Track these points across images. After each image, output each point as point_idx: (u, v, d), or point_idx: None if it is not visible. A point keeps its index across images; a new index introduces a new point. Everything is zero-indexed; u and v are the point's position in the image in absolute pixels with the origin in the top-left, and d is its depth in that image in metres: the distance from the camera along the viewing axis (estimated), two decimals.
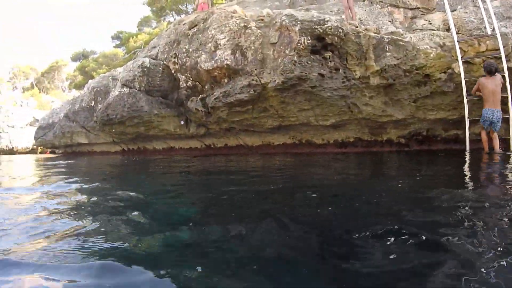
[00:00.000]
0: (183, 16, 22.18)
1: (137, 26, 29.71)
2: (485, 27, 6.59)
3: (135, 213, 2.72)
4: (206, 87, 8.44)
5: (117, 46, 31.41)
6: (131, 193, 3.63)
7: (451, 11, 7.49)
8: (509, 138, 6.15)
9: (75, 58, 39.69)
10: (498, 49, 6.18)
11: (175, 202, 3.40)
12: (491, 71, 5.91)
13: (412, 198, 2.92)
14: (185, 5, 23.04)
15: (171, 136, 10.83)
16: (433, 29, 7.50)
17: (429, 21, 7.76)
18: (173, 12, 24.30)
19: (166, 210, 3.06)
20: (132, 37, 25.88)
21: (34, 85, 46.71)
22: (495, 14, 6.82)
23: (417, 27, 7.81)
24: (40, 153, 26.20)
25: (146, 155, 12.46)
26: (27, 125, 31.84)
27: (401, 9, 8.33)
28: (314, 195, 3.19)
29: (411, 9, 8.23)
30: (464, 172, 4.51)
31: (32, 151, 28.98)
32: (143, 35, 25.59)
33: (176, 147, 11.52)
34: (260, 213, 2.62)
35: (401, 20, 8.25)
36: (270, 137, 9.07)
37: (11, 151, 29.82)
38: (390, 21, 8.31)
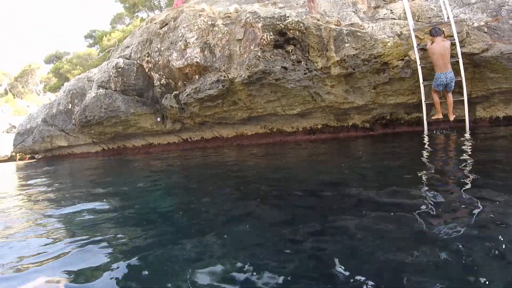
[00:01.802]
0: (156, 12, 22.53)
1: (110, 24, 29.79)
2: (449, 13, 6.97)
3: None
4: (179, 84, 8.98)
5: (90, 46, 31.42)
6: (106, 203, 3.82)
7: None
8: (465, 119, 6.75)
9: (48, 61, 39.43)
10: (453, 36, 6.66)
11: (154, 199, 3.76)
12: (436, 33, 6.55)
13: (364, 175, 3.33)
14: (157, 0, 23.32)
15: (149, 133, 11.33)
16: (394, 18, 8.05)
17: (391, 10, 8.28)
18: (146, 8, 24.52)
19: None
20: (106, 36, 26.02)
21: (8, 90, 46.19)
22: (455, 1, 7.41)
23: (380, 17, 8.35)
24: (19, 159, 26.10)
25: (126, 153, 12.90)
26: (3, 132, 31.70)
27: None
28: (277, 187, 3.41)
29: None
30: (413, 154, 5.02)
31: (11, 159, 28.81)
32: (117, 32, 25.76)
33: (154, 143, 12.02)
34: (238, 213, 2.76)
35: (364, 10, 8.74)
36: (243, 128, 9.68)
37: None
38: (353, 12, 8.82)
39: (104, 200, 3.88)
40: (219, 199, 3.11)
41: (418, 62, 6.87)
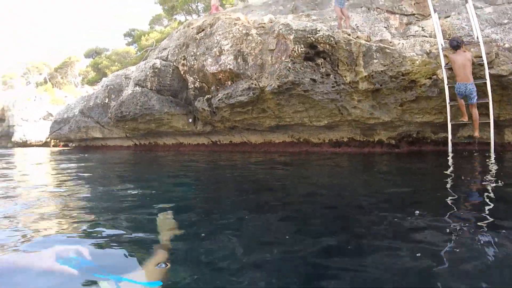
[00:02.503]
0: (194, 16, 23.24)
1: (149, 24, 30.81)
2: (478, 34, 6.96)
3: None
4: (212, 88, 9.43)
5: (129, 44, 32.63)
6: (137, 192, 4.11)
7: (445, 18, 8.09)
8: (490, 142, 6.71)
9: (88, 55, 41.21)
10: (481, 56, 6.64)
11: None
12: (455, 46, 6.55)
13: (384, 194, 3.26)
14: (195, 4, 24.05)
15: (180, 133, 11.86)
16: (425, 36, 8.14)
17: (422, 28, 8.37)
18: (184, 12, 25.30)
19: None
20: (144, 35, 27.01)
21: (48, 80, 48.39)
22: (487, 21, 7.40)
23: (411, 33, 8.45)
24: (53, 146, 27.37)
25: (157, 149, 13.51)
26: (40, 119, 33.29)
27: (397, 15, 8.92)
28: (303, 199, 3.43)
29: (406, 15, 8.85)
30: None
31: (45, 144, 30.25)
32: (155, 33, 26.70)
33: (184, 143, 12.58)
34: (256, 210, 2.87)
35: (396, 26, 8.86)
36: (271, 135, 10.02)
37: (24, 144, 31.38)
38: (385, 27, 8.97)
39: (129, 190, 4.21)
40: (234, 203, 3.24)
41: (446, 82, 6.89)
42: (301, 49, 7.67)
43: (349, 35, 7.76)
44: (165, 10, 26.57)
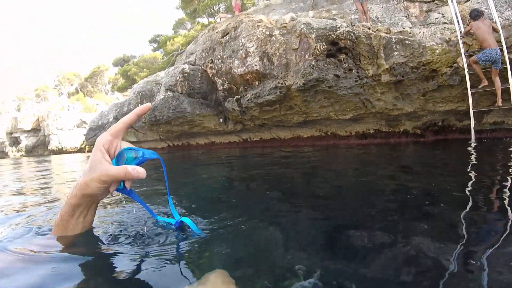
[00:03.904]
0: (216, 17, 23.87)
1: (173, 29, 31.89)
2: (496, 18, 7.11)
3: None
4: (240, 89, 9.96)
5: (155, 49, 33.81)
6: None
7: (465, 2, 8.13)
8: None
9: (116, 63, 42.97)
10: (500, 41, 6.83)
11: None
12: (475, 16, 6.88)
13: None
14: (217, 6, 24.71)
15: (212, 132, 12.47)
16: (445, 23, 8.30)
17: (443, 14, 8.55)
18: (206, 14, 26.08)
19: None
20: (169, 40, 27.98)
21: (79, 90, 50.69)
22: (507, 2, 7.48)
23: (431, 21, 8.64)
24: (88, 151, 28.69)
25: (190, 149, 14.18)
26: (74, 127, 35.21)
27: (417, 3, 9.14)
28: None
29: (426, 2, 9.05)
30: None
31: (80, 150, 31.84)
32: (179, 37, 27.61)
33: (216, 142, 13.19)
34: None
35: (416, 14, 9.07)
36: (299, 130, 10.45)
37: (60, 151, 33.36)
38: (405, 17, 9.19)
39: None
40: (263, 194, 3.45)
41: (466, 69, 7.07)
42: (323, 47, 8.03)
43: (369, 28, 8.03)
44: (187, 14, 27.44)
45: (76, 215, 1.08)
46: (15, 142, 40.32)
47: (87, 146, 28.33)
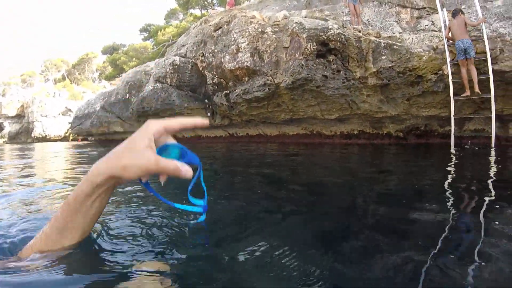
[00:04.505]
0: (209, 9, 23.85)
1: (165, 19, 31.68)
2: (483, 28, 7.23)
3: None
4: (230, 84, 10.07)
5: (145, 39, 33.57)
6: None
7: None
8: (491, 136, 7.02)
9: (105, 51, 42.49)
10: (485, 52, 6.95)
11: None
12: (454, 14, 7.29)
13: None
14: None
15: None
16: (434, 30, 8.45)
17: (432, 22, 8.70)
18: (199, 6, 26.01)
19: None
20: (160, 30, 27.80)
21: (66, 76, 49.99)
22: (496, 14, 7.65)
23: (421, 28, 8.78)
24: (72, 140, 28.43)
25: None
26: (59, 114, 34.68)
27: (408, 9, 9.26)
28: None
29: (417, 9, 9.17)
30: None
31: (64, 139, 31.48)
32: (171, 28, 27.46)
33: (203, 135, 13.28)
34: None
35: (407, 20, 9.20)
36: (285, 128, 10.62)
37: (44, 139, 32.79)
38: (396, 22, 9.31)
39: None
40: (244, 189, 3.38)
41: (450, 77, 7.24)
42: (314, 47, 8.18)
43: (359, 31, 8.19)
44: (180, 5, 27.29)
45: (94, 196, 1.01)
46: None
47: (71, 135, 28.04)
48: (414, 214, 2.07)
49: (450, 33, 7.42)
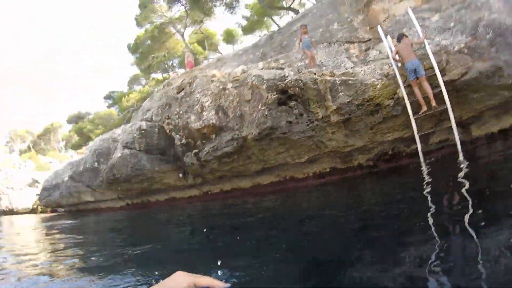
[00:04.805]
0: (170, 72, 24.44)
1: (128, 85, 32.15)
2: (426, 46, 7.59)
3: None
4: (198, 143, 10.14)
5: (110, 106, 33.84)
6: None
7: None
8: (456, 144, 7.34)
9: (70, 120, 42.26)
10: (433, 67, 7.35)
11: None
12: (398, 38, 7.78)
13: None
14: (170, 61, 25.37)
15: (172, 188, 12.37)
16: (383, 58, 8.77)
17: (380, 51, 9.12)
18: (160, 70, 26.68)
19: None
20: (124, 97, 28.15)
21: (31, 147, 48.90)
22: (435, 29, 8.12)
23: (370, 58, 9.16)
24: (41, 212, 27.43)
25: (150, 207, 13.88)
26: (26, 186, 33.47)
27: (356, 44, 9.78)
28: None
29: (364, 41, 9.71)
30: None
31: (33, 211, 30.20)
32: (134, 93, 27.89)
33: (177, 197, 12.97)
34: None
35: (357, 54, 9.64)
36: (258, 178, 10.63)
37: (11, 212, 31.17)
38: (347, 58, 9.65)
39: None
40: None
41: (406, 98, 7.62)
42: (274, 96, 8.45)
43: (314, 74, 8.49)
44: (142, 70, 27.83)
45: None
46: None
47: (40, 207, 27.06)
48: (405, 238, 2.15)
49: (397, 55, 7.86)
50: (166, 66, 26.11)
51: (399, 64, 8.01)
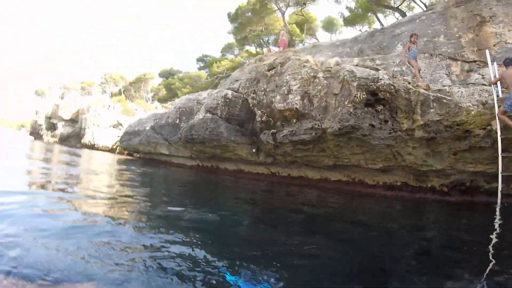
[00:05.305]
0: (264, 48, 24.82)
1: (221, 52, 33.20)
2: None
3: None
4: (277, 123, 10.41)
5: (201, 68, 35.30)
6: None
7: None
8: None
9: (162, 75, 45.03)
10: None
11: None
12: (507, 63, 7.05)
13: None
14: (266, 37, 25.71)
15: (242, 161, 12.86)
16: (484, 84, 8.28)
17: (483, 76, 8.59)
18: (255, 43, 27.15)
19: None
20: (216, 62, 29.22)
21: (122, 92, 53.02)
22: None
23: (471, 81, 8.66)
24: (118, 153, 29.74)
25: (217, 172, 14.57)
26: (110, 126, 36.60)
27: (459, 62, 9.26)
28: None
29: (468, 62, 9.15)
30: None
31: (111, 150, 32.95)
32: (226, 61, 28.80)
33: (245, 170, 13.50)
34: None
35: (457, 73, 9.16)
36: (327, 173, 10.69)
37: (92, 146, 34.58)
38: (446, 74, 9.24)
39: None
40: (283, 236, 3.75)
41: (499, 133, 7.08)
42: (363, 96, 8.36)
43: (409, 83, 8.22)
44: (237, 40, 28.57)
45: None
46: (52, 127, 42.97)
47: (118, 148, 29.34)
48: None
49: (499, 82, 7.30)
50: (262, 41, 26.55)
51: (500, 94, 7.43)
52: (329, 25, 28.92)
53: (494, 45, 8.88)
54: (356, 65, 10.06)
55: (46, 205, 4.21)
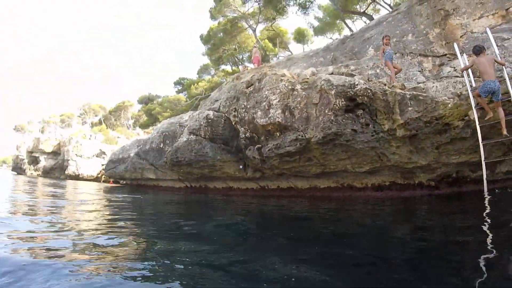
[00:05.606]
0: (240, 66, 25.11)
1: (197, 73, 33.63)
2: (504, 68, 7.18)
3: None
4: (262, 138, 10.46)
5: (179, 91, 35.59)
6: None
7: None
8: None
9: (141, 101, 45.17)
10: (508, 92, 6.89)
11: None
12: (477, 51, 7.12)
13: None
14: (240, 55, 26.04)
15: (231, 178, 12.88)
16: (457, 76, 8.46)
17: (454, 68, 8.77)
18: (230, 62, 27.51)
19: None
20: (193, 84, 29.44)
21: (102, 121, 52.75)
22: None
23: (444, 75, 8.84)
24: (103, 181, 29.55)
25: (207, 192, 14.53)
26: (93, 156, 36.46)
27: (430, 58, 9.51)
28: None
29: (438, 56, 9.42)
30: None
31: (96, 179, 32.78)
32: (203, 82, 29.11)
33: (234, 187, 13.55)
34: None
35: (430, 68, 9.41)
36: (316, 181, 10.77)
37: (76, 177, 34.34)
38: (419, 71, 9.48)
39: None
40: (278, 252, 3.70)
41: (477, 122, 7.17)
42: (342, 103, 8.47)
43: (385, 85, 8.37)
44: (212, 61, 28.88)
45: None
46: (34, 161, 42.82)
47: (103, 176, 29.18)
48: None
49: (471, 71, 7.47)
50: (236, 59, 26.96)
51: (473, 84, 7.64)
52: (300, 36, 29.43)
53: (461, 36, 9.17)
54: (332, 73, 10.26)
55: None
